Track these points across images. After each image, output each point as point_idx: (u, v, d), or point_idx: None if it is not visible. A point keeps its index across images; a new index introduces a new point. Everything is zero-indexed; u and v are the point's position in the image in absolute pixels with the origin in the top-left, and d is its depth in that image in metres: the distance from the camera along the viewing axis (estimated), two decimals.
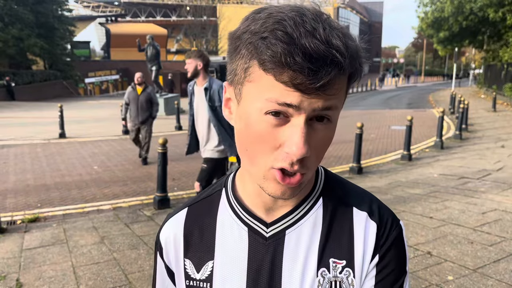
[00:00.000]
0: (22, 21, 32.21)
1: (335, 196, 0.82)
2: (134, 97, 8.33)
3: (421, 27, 30.07)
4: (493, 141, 10.68)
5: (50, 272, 3.91)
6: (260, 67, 0.62)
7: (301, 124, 0.62)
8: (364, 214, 0.80)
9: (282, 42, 0.59)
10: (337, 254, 0.77)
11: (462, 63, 68.69)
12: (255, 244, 0.79)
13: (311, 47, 0.58)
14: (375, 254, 0.77)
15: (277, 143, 0.64)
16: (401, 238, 0.79)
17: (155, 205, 5.80)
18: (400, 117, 16.58)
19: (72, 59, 41.56)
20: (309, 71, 0.58)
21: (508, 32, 23.47)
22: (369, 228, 0.78)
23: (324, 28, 0.60)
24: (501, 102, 20.26)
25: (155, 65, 17.69)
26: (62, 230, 5.03)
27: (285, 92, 0.61)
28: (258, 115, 0.64)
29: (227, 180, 0.88)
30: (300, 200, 0.79)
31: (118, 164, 8.83)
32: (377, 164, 8.53)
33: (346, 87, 0.67)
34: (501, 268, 3.76)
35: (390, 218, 0.80)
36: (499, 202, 5.64)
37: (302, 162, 0.65)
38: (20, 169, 8.38)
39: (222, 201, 0.85)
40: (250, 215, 0.80)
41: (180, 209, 0.89)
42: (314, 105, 0.62)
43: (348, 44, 0.61)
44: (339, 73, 0.61)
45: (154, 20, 61.19)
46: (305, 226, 0.79)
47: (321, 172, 0.84)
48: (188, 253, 0.84)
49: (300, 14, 0.61)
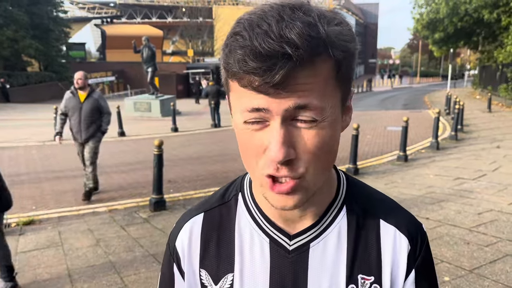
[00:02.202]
0: (17, 23, 32.06)
1: (359, 205, 0.78)
2: (75, 106, 6.14)
3: (416, 28, 30.14)
4: (488, 141, 10.72)
5: (45, 275, 3.89)
6: (227, 76, 0.63)
7: (276, 127, 0.60)
8: (392, 228, 0.76)
9: (238, 47, 0.58)
10: (365, 270, 0.74)
11: (457, 64, 69.02)
12: (277, 258, 0.75)
13: (262, 46, 0.56)
14: (410, 270, 0.75)
15: (261, 150, 0.63)
16: (429, 248, 0.78)
17: (151, 207, 5.77)
18: (396, 118, 16.62)
19: (68, 61, 41.40)
20: (262, 71, 0.56)
21: (502, 33, 23.56)
22: (399, 243, 0.75)
23: (278, 22, 0.57)
24: (496, 102, 20.34)
25: (151, 66, 17.67)
26: (57, 233, 5.00)
27: (251, 97, 0.60)
28: (240, 125, 0.64)
29: (243, 183, 0.83)
30: (323, 210, 0.76)
31: (113, 166, 8.80)
32: (373, 165, 8.54)
33: (332, 78, 0.62)
34: (497, 268, 3.77)
35: (419, 230, 0.78)
36: (495, 203, 5.65)
37: (288, 165, 0.62)
38: (14, 171, 8.33)
39: (240, 208, 0.81)
40: (272, 226, 0.76)
41: (195, 214, 0.84)
42: (284, 105, 0.59)
43: (308, 33, 0.57)
44: (296, 66, 0.56)
45: (149, 21, 61.12)
46: (330, 238, 0.75)
47: (343, 178, 0.81)
48: (205, 263, 0.79)
49: (262, 11, 0.60)
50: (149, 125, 16.03)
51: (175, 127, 14.33)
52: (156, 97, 19.04)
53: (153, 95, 19.17)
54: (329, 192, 0.77)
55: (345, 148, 9.64)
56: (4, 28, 30.96)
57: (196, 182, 7.36)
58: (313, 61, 0.58)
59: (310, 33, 0.57)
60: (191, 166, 8.75)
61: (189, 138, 12.87)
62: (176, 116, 15.02)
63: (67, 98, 6.26)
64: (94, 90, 6.37)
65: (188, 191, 6.76)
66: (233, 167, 8.42)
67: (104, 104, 6.38)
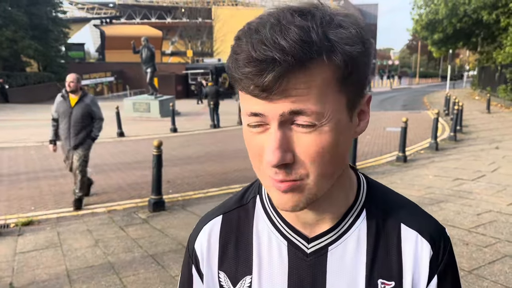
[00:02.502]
0: (16, 23, 32.03)
1: (379, 209, 0.77)
2: (65, 110, 5.77)
3: (415, 29, 30.18)
4: (487, 142, 10.73)
5: (44, 276, 3.88)
6: (230, 80, 0.64)
7: (272, 131, 0.61)
8: (414, 233, 0.75)
9: (237, 53, 0.60)
10: (385, 275, 0.73)
11: (456, 65, 69.09)
12: (295, 260, 0.75)
13: (255, 52, 0.57)
14: (432, 276, 0.73)
15: (261, 151, 0.64)
16: (453, 253, 0.77)
17: (150, 207, 5.77)
18: (395, 118, 16.62)
19: (67, 61, 41.38)
20: (253, 75, 0.58)
21: (501, 34, 23.60)
22: (421, 248, 0.74)
23: (273, 28, 0.58)
24: (495, 103, 20.37)
25: (150, 67, 17.67)
26: (56, 234, 5.00)
27: (250, 102, 0.62)
28: (245, 127, 0.66)
29: (261, 186, 0.83)
30: (342, 214, 0.75)
31: (112, 166, 8.79)
32: (372, 165, 8.54)
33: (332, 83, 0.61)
34: (496, 269, 3.77)
35: (442, 235, 0.76)
36: (494, 204, 5.66)
37: (286, 169, 0.62)
38: (13, 171, 8.32)
39: (258, 210, 0.81)
40: (290, 228, 0.76)
41: (214, 216, 0.84)
42: (279, 110, 0.59)
43: (300, 38, 0.56)
44: (286, 71, 0.56)
45: (149, 22, 61.11)
46: (349, 242, 0.74)
47: (363, 181, 0.80)
48: (224, 265, 0.80)
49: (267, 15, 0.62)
50: (148, 125, 16.02)
51: (174, 127, 14.33)
52: (155, 97, 19.03)
53: (152, 96, 19.16)
54: (347, 196, 0.76)
55: None
56: (3, 29, 30.93)
57: (195, 183, 7.35)
58: (305, 66, 0.58)
59: (303, 38, 0.57)
60: (190, 166, 8.74)
61: (188, 139, 12.87)
62: (175, 116, 15.02)
63: (58, 102, 5.88)
64: (86, 94, 5.96)
65: (187, 192, 6.76)
66: (232, 167, 8.41)
67: (96, 109, 5.96)
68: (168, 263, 4.11)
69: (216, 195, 6.50)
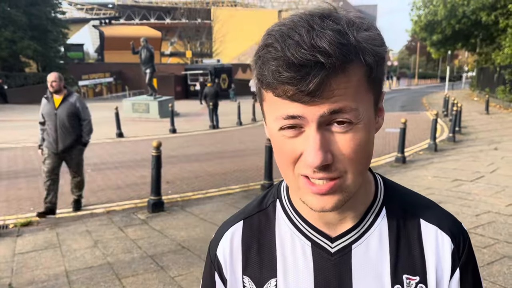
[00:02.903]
0: (15, 24, 32.01)
1: (398, 206, 0.79)
2: (50, 112, 5.47)
3: (414, 30, 30.22)
4: (486, 143, 10.75)
5: (43, 277, 3.88)
6: (261, 86, 0.65)
7: (312, 133, 0.62)
8: (434, 228, 0.77)
9: (270, 58, 0.60)
10: (409, 270, 0.75)
11: (455, 66, 69.19)
12: (320, 260, 0.76)
13: (295, 56, 0.58)
14: (455, 269, 0.75)
15: (297, 154, 0.64)
16: (471, 247, 0.79)
17: (149, 208, 5.77)
18: (394, 119, 16.62)
19: (66, 62, 41.34)
20: (296, 81, 0.58)
21: (500, 35, 23.63)
22: (442, 242, 0.76)
23: (309, 32, 0.59)
24: (494, 104, 20.40)
25: (149, 67, 17.68)
26: (55, 234, 5.00)
27: (286, 105, 0.62)
28: (276, 132, 0.66)
29: (280, 190, 0.84)
30: (363, 212, 0.77)
31: (112, 167, 8.79)
32: (371, 166, 8.50)
33: (364, 80, 0.63)
34: (494, 270, 3.77)
35: (460, 229, 0.79)
36: (493, 204, 5.66)
37: (326, 169, 0.63)
38: (12, 172, 8.31)
39: (279, 213, 0.81)
40: (313, 229, 0.77)
41: (234, 222, 0.84)
42: (319, 112, 0.61)
43: (339, 41, 0.59)
44: (329, 74, 0.58)
45: (148, 22, 61.12)
46: (372, 239, 0.76)
47: (380, 180, 0.82)
48: (248, 269, 0.80)
49: (292, 22, 0.62)
50: (147, 126, 16.02)
51: (173, 128, 14.33)
52: (154, 98, 19.03)
53: (151, 96, 19.16)
54: (367, 195, 0.78)
55: None
56: (2, 29, 30.91)
57: (194, 184, 7.35)
58: (345, 67, 0.60)
59: (341, 41, 0.59)
60: (189, 167, 8.74)
61: (187, 139, 12.87)
62: (175, 117, 15.01)
63: (43, 105, 5.57)
64: (71, 93, 5.59)
65: (186, 193, 6.75)
66: (231, 168, 8.42)
67: (83, 108, 5.61)
68: (167, 263, 4.11)
69: (216, 195, 6.50)
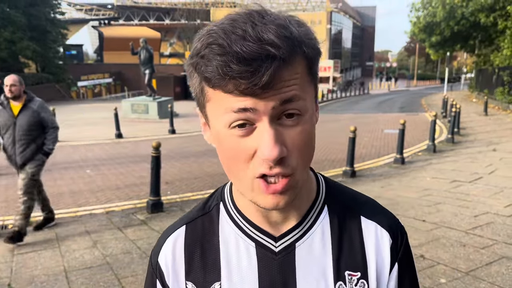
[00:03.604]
0: (14, 24, 31.96)
1: (339, 204, 0.80)
2: (7, 121, 4.67)
3: (413, 31, 30.25)
4: (484, 144, 10.77)
5: (42, 277, 3.88)
6: (208, 85, 0.63)
7: (266, 127, 0.61)
8: (373, 224, 0.79)
9: (216, 55, 0.60)
10: (351, 266, 0.76)
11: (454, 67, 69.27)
12: (264, 260, 0.76)
13: (243, 50, 0.58)
14: (393, 263, 0.77)
15: (251, 152, 0.63)
16: (408, 242, 0.81)
17: (148, 209, 5.77)
18: (393, 120, 16.66)
19: (65, 62, 41.31)
20: (249, 74, 0.58)
21: (499, 36, 23.67)
22: (382, 238, 0.78)
23: (253, 27, 0.60)
24: (492, 106, 20.42)
25: (148, 68, 17.67)
26: (54, 235, 5.00)
27: (236, 100, 0.61)
28: (225, 131, 0.64)
29: (223, 192, 0.84)
30: (305, 211, 0.77)
31: (111, 167, 8.79)
32: (370, 167, 8.56)
33: (307, 73, 0.66)
34: (493, 271, 3.79)
35: (398, 225, 0.81)
36: (491, 205, 5.68)
37: (281, 163, 0.63)
38: (11, 172, 8.30)
39: (223, 216, 0.80)
40: (256, 229, 0.77)
41: (178, 227, 0.83)
42: (271, 103, 0.61)
43: (285, 33, 0.60)
44: (280, 66, 0.60)
45: (147, 23, 61.14)
46: (314, 237, 0.77)
47: (321, 180, 0.83)
48: (190, 275, 0.78)
49: (231, 20, 0.63)
50: (146, 127, 16.02)
51: (173, 129, 14.33)
52: (153, 99, 19.02)
53: (151, 97, 19.15)
54: (309, 193, 0.79)
55: (342, 150, 9.65)
56: (2, 30, 30.86)
57: (194, 184, 7.36)
58: (293, 59, 0.61)
59: (285, 34, 0.60)
60: (188, 168, 8.75)
61: (186, 140, 12.87)
62: (174, 118, 15.01)
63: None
64: (32, 99, 4.77)
65: (185, 193, 6.76)
66: None
67: (48, 115, 4.86)
68: None
69: None
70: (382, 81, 58.82)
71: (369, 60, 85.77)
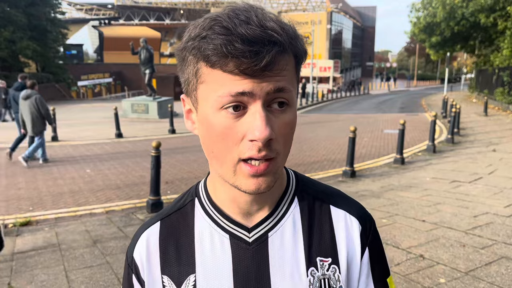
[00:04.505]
0: (15, 24, 31.96)
1: (309, 195, 0.83)
2: None
3: (413, 32, 30.23)
4: (484, 145, 10.77)
5: (42, 276, 3.89)
6: (207, 64, 0.65)
7: (259, 109, 0.65)
8: (343, 212, 0.83)
9: (220, 34, 0.62)
10: (322, 252, 0.79)
11: (454, 68, 69.27)
12: (238, 251, 0.78)
13: (248, 32, 0.61)
14: (364, 248, 0.81)
15: (240, 135, 0.66)
16: (376, 228, 0.85)
17: (148, 208, 5.78)
18: (393, 121, 16.67)
19: (65, 62, 41.31)
20: (251, 54, 0.61)
21: (499, 37, 23.66)
22: (351, 225, 0.82)
23: (256, 15, 0.64)
24: (492, 106, 20.43)
25: (148, 68, 17.66)
26: (54, 234, 5.00)
27: (235, 82, 0.63)
28: (216, 113, 0.66)
29: (198, 188, 0.86)
30: (276, 201, 0.80)
31: (111, 167, 8.79)
32: (370, 167, 8.56)
33: (294, 70, 0.70)
34: (492, 271, 3.79)
35: (366, 213, 0.85)
36: (491, 206, 5.68)
37: (268, 146, 0.66)
38: (11, 172, 8.31)
39: (198, 211, 0.82)
40: (230, 221, 0.79)
41: (152, 223, 0.85)
42: (266, 89, 0.64)
43: (283, 26, 0.65)
44: (281, 51, 0.64)
45: (147, 23, 61.11)
46: (286, 226, 0.79)
47: (291, 173, 0.86)
48: (166, 269, 0.80)
49: (233, 9, 0.66)
50: (146, 126, 16.01)
51: (173, 128, 14.33)
52: (153, 99, 19.01)
53: (151, 97, 19.15)
54: (281, 185, 0.81)
55: (342, 151, 9.67)
56: (2, 29, 30.86)
57: (193, 184, 7.35)
58: (287, 50, 0.66)
59: (283, 26, 0.66)
60: (188, 167, 8.76)
61: (186, 140, 12.87)
62: (174, 117, 14.99)
63: None
64: None
65: None
66: None
67: None
68: None
69: None
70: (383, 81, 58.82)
71: (369, 60, 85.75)
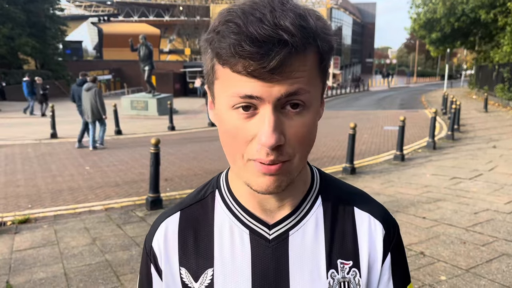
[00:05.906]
0: (13, 20, 31.87)
1: (333, 195, 0.81)
2: None
3: (413, 28, 30.19)
4: (484, 141, 10.76)
5: (41, 274, 3.87)
6: (219, 61, 0.63)
7: (268, 114, 0.62)
8: (367, 215, 0.80)
9: (231, 33, 0.60)
10: (344, 255, 0.77)
11: (454, 64, 69.20)
12: (258, 247, 0.76)
13: (258, 32, 0.58)
14: (386, 254, 0.78)
15: (250, 137, 0.64)
16: (400, 234, 0.83)
17: (147, 206, 5.76)
18: (393, 117, 16.65)
19: (64, 59, 41.22)
20: (259, 56, 0.58)
21: (499, 33, 23.63)
22: (375, 228, 0.79)
23: (272, 11, 0.60)
24: (492, 102, 20.41)
25: (148, 65, 17.64)
26: (53, 231, 4.98)
27: (244, 83, 0.61)
28: (227, 111, 0.65)
29: (219, 180, 0.84)
30: (300, 200, 0.78)
31: (110, 164, 8.77)
32: (370, 164, 8.55)
33: (317, 68, 0.65)
34: (493, 268, 3.78)
35: (390, 217, 0.82)
36: (491, 202, 5.67)
37: (278, 150, 0.63)
38: (10, 169, 8.29)
39: (218, 203, 0.81)
40: (251, 216, 0.77)
41: (172, 213, 0.83)
42: (277, 93, 0.61)
43: (300, 23, 0.60)
44: (291, 53, 0.59)
45: (147, 20, 60.91)
46: (308, 226, 0.77)
47: (316, 171, 0.84)
48: (184, 260, 0.79)
49: (253, 2, 0.62)
50: (145, 123, 16.00)
51: (172, 125, 14.31)
52: (153, 95, 19.00)
53: (150, 94, 19.13)
54: (304, 183, 0.80)
55: (342, 147, 9.65)
56: (0, 26, 30.79)
57: (193, 181, 7.35)
58: (305, 49, 0.61)
59: (302, 24, 0.60)
60: (187, 164, 8.73)
61: (186, 137, 12.85)
62: (173, 114, 14.99)
63: None
64: None
65: (184, 190, 6.74)
66: (229, 165, 8.38)
67: None
68: None
69: None
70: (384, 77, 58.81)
71: (369, 56, 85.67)
